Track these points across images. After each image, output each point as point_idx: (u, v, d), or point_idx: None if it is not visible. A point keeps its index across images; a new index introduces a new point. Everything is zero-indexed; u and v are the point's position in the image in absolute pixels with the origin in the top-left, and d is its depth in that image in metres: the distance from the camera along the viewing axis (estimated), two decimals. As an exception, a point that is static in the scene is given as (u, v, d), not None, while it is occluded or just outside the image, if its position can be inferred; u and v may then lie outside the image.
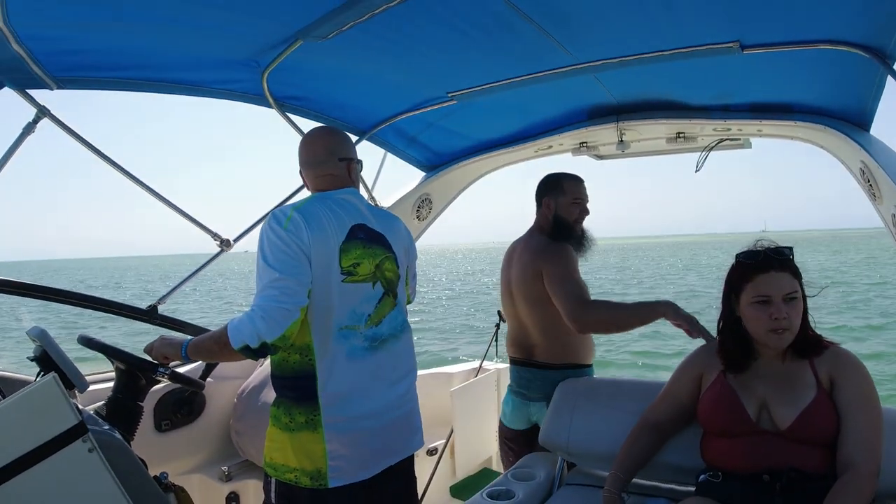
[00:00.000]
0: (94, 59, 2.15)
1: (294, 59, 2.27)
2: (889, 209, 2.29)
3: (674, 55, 2.21)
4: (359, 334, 1.77)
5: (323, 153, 1.92)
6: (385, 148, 3.32)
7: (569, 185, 2.65)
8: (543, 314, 2.54)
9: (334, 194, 1.88)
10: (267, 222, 1.73)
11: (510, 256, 2.71)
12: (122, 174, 2.44)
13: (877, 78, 2.18)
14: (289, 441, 1.73)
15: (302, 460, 1.72)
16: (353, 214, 1.84)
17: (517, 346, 2.69)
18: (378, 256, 1.84)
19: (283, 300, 1.62)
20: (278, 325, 1.61)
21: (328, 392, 1.72)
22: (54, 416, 1.44)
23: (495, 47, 2.22)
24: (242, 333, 1.62)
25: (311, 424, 1.72)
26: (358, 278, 1.78)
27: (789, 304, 1.71)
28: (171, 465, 2.51)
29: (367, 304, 1.79)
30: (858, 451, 1.64)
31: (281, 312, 1.61)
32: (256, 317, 1.61)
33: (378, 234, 1.88)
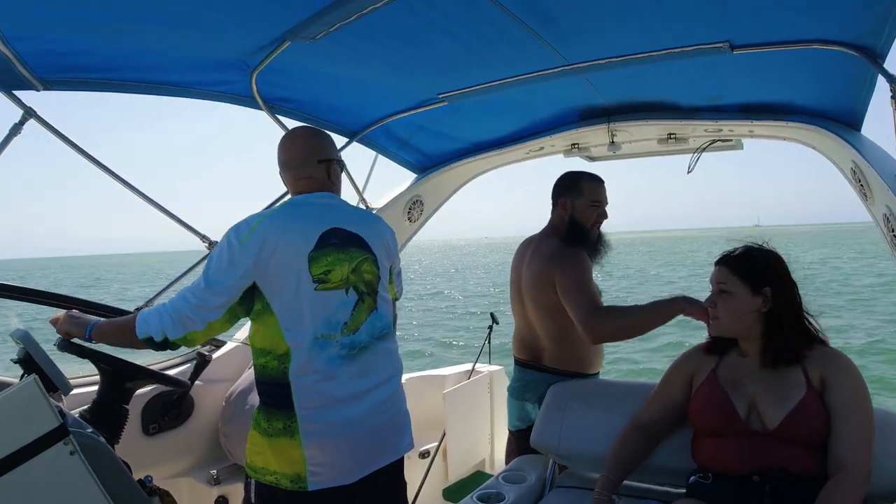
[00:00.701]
0: (81, 60, 2.13)
1: (283, 61, 2.26)
2: (880, 209, 2.30)
3: (663, 56, 2.20)
4: (335, 343, 1.74)
5: (301, 155, 1.91)
6: (376, 150, 3.31)
7: (588, 185, 2.56)
8: (554, 321, 2.48)
9: (308, 199, 1.87)
10: (231, 229, 1.75)
11: (521, 256, 2.64)
12: (109, 175, 2.42)
13: (867, 77, 2.18)
14: (267, 446, 1.73)
15: (281, 464, 1.71)
16: (326, 220, 1.82)
17: (524, 348, 2.64)
18: (355, 259, 1.82)
19: (194, 311, 1.69)
20: (181, 328, 1.69)
21: (304, 402, 1.71)
22: (35, 418, 1.42)
23: (485, 49, 2.21)
24: (150, 326, 1.70)
25: (289, 431, 1.70)
26: (331, 285, 1.76)
27: (720, 297, 1.86)
28: (160, 468, 2.49)
29: (341, 311, 1.77)
30: (850, 452, 1.64)
31: (188, 320, 1.69)
32: (166, 314, 1.69)
33: (355, 236, 1.86)
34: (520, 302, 2.61)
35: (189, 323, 1.69)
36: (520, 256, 2.66)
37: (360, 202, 3.32)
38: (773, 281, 1.82)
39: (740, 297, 1.82)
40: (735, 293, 1.82)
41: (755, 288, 1.81)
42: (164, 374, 2.03)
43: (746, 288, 1.82)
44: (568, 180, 2.59)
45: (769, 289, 1.81)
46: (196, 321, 1.69)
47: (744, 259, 1.85)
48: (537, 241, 2.62)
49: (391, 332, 1.94)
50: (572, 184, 2.57)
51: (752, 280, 1.82)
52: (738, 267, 1.84)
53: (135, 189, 2.49)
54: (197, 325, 1.69)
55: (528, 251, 2.62)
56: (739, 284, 1.82)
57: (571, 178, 2.59)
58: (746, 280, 1.82)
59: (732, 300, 1.83)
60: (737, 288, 1.82)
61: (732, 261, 1.86)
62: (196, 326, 1.69)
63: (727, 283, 1.84)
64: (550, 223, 2.64)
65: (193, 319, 1.69)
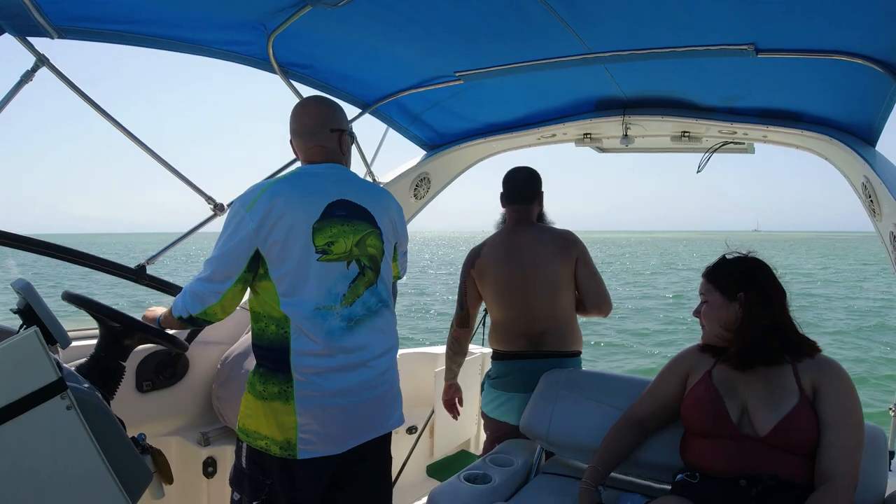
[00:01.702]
0: (97, 10, 2.10)
1: (301, 26, 2.22)
2: (888, 226, 2.29)
3: (687, 53, 2.18)
4: (335, 314, 1.77)
5: (314, 124, 1.90)
6: (387, 123, 3.28)
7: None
8: (562, 300, 2.62)
9: (315, 169, 1.87)
10: (238, 199, 1.78)
11: (518, 247, 2.64)
12: (119, 129, 2.39)
13: (888, 94, 2.17)
14: (261, 409, 1.75)
15: (273, 429, 1.73)
16: (333, 191, 1.82)
17: (521, 338, 2.63)
18: (360, 232, 1.83)
19: (206, 285, 1.74)
20: (198, 304, 1.75)
21: (302, 368, 1.73)
22: (34, 370, 1.42)
23: (507, 30, 2.19)
24: (177, 305, 1.79)
25: (284, 395, 1.73)
26: (332, 257, 1.77)
27: (703, 307, 1.96)
28: (151, 426, 2.50)
29: (341, 283, 1.79)
30: (837, 463, 1.65)
31: (203, 294, 1.74)
32: (187, 293, 1.77)
33: (361, 208, 1.86)
34: (521, 290, 2.61)
35: (204, 297, 1.74)
36: (512, 249, 2.65)
37: (368, 174, 3.30)
38: (746, 286, 1.86)
39: (717, 306, 1.91)
40: (711, 302, 1.92)
41: (729, 295, 1.88)
42: (164, 332, 2.03)
43: (721, 296, 1.90)
44: (539, 176, 2.78)
45: (742, 294, 1.86)
46: (209, 294, 1.74)
47: (717, 269, 1.95)
48: (531, 229, 2.69)
49: (389, 308, 1.95)
50: (540, 179, 2.79)
51: (725, 288, 1.89)
52: (713, 277, 1.94)
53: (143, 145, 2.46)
54: (211, 297, 1.74)
55: (524, 241, 2.65)
56: (715, 293, 1.91)
57: (538, 174, 2.78)
58: (720, 288, 1.90)
59: (711, 309, 1.92)
60: (712, 297, 1.92)
61: (709, 272, 1.97)
62: (211, 299, 1.74)
63: (705, 294, 1.95)
64: (528, 214, 2.74)
65: (207, 293, 1.74)
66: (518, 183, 2.75)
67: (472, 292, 2.74)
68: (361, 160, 3.26)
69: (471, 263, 2.73)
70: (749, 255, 1.95)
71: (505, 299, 2.66)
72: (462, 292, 2.77)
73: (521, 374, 2.60)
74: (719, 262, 1.96)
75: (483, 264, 2.68)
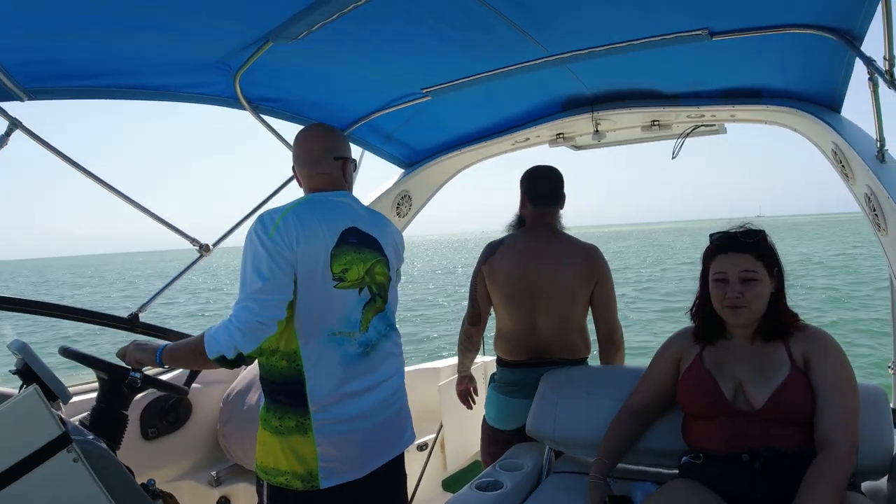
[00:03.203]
0: (64, 68, 2.13)
1: (266, 61, 2.26)
2: (861, 188, 2.33)
3: (644, 44, 2.22)
4: (353, 341, 1.77)
5: (319, 151, 1.89)
6: (362, 146, 3.31)
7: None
8: (573, 317, 2.58)
9: (327, 197, 1.85)
10: (254, 227, 1.70)
11: (536, 255, 2.55)
12: (97, 183, 2.42)
13: (845, 60, 2.20)
14: (278, 444, 1.73)
15: (293, 464, 1.72)
16: (344, 218, 1.82)
17: (525, 349, 2.59)
18: (369, 261, 1.83)
19: (262, 314, 1.62)
20: (255, 338, 1.62)
21: (319, 399, 1.72)
22: (37, 427, 1.43)
23: (466, 42, 2.23)
24: (220, 344, 1.62)
25: (302, 428, 1.71)
26: (347, 284, 1.77)
27: (745, 284, 1.79)
28: (160, 472, 2.50)
29: (355, 309, 1.79)
30: (835, 429, 1.67)
31: (259, 327, 1.62)
32: (234, 328, 1.61)
33: (370, 237, 1.87)
34: (529, 301, 2.55)
35: (260, 331, 1.62)
36: (527, 257, 2.56)
37: None
38: (778, 261, 1.86)
39: (765, 282, 1.81)
40: (762, 279, 1.80)
41: (771, 270, 1.83)
42: (164, 381, 2.05)
43: (767, 273, 1.82)
44: (561, 175, 2.70)
45: (777, 269, 1.85)
46: (267, 325, 1.62)
47: (764, 243, 1.84)
48: (553, 238, 2.61)
49: (396, 330, 1.97)
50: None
51: (769, 263, 1.83)
52: (762, 251, 1.82)
53: (122, 195, 2.48)
54: (269, 328, 1.63)
55: (542, 251, 2.56)
56: (763, 270, 1.81)
57: (560, 173, 2.70)
58: (766, 264, 1.82)
59: (760, 286, 1.80)
60: (762, 274, 1.81)
61: (756, 246, 1.82)
62: (269, 331, 1.63)
63: (756, 271, 1.80)
64: (553, 218, 2.67)
65: (265, 324, 1.62)
66: (547, 183, 2.66)
67: (482, 289, 2.66)
68: None
69: (483, 260, 2.67)
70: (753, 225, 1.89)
71: (511, 308, 2.59)
72: (473, 288, 2.70)
73: (525, 380, 2.57)
74: (763, 236, 1.84)
75: (495, 265, 2.60)
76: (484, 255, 2.68)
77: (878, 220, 2.26)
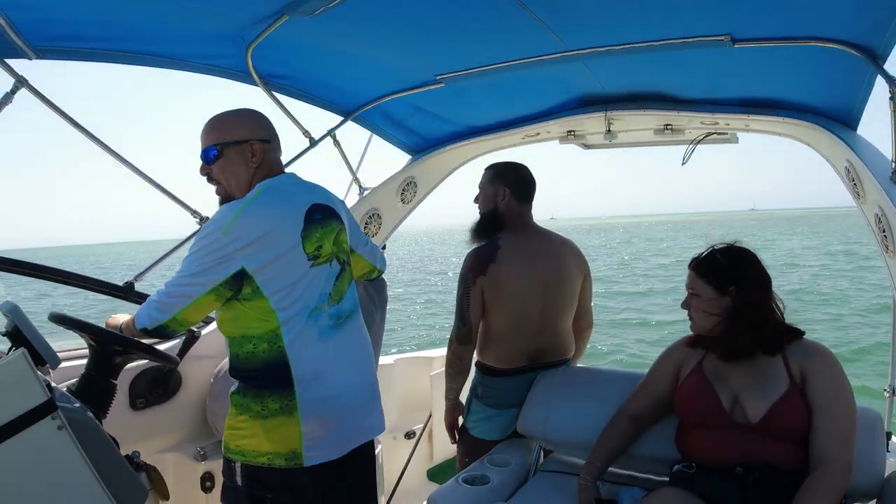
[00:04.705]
0: (74, 29, 2.10)
1: (280, 36, 2.23)
2: (872, 209, 2.31)
3: (664, 46, 2.19)
4: (324, 314, 1.77)
5: (274, 133, 1.87)
6: (370, 129, 3.28)
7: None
8: (569, 315, 2.58)
9: (279, 182, 1.81)
10: (210, 221, 1.71)
11: (535, 256, 2.47)
12: (100, 147, 2.38)
13: (866, 77, 2.18)
14: (261, 427, 1.71)
15: (276, 445, 1.71)
16: (303, 198, 1.82)
17: (522, 356, 2.49)
18: (334, 230, 1.86)
19: (179, 293, 1.68)
20: (167, 311, 1.69)
21: (303, 375, 1.72)
22: (23, 392, 1.41)
23: (485, 31, 2.19)
24: (142, 316, 1.72)
25: (287, 409, 1.70)
26: (322, 260, 1.79)
27: (692, 299, 1.94)
28: (146, 443, 2.48)
29: (328, 282, 1.80)
30: (830, 446, 1.65)
31: (171, 302, 1.69)
32: (153, 303, 1.71)
33: (330, 208, 1.88)
34: (541, 300, 2.46)
35: (174, 303, 1.68)
36: (532, 257, 2.46)
37: (354, 182, 3.30)
38: (736, 280, 1.86)
39: (707, 299, 1.89)
40: (702, 295, 1.90)
41: (720, 288, 1.87)
42: (153, 348, 2.02)
43: (712, 289, 1.88)
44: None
45: (734, 287, 1.86)
46: (180, 301, 1.68)
47: (707, 262, 1.93)
48: (541, 235, 2.56)
49: (359, 306, 1.97)
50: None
51: (716, 282, 1.88)
52: (704, 271, 1.92)
53: (125, 161, 2.45)
54: (181, 302, 1.68)
55: (550, 250, 2.51)
56: (706, 287, 1.89)
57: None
58: (711, 282, 1.88)
59: (701, 302, 1.91)
60: (703, 290, 1.90)
61: (698, 265, 1.94)
62: (181, 304, 1.68)
63: (695, 287, 1.92)
64: (530, 215, 2.61)
65: (177, 300, 1.68)
66: (531, 182, 2.59)
67: (477, 303, 2.42)
68: (347, 168, 3.26)
69: (481, 270, 2.41)
70: (735, 244, 1.94)
71: (518, 312, 2.45)
72: (464, 304, 2.43)
73: (514, 388, 2.47)
74: (709, 256, 1.93)
75: (500, 271, 2.40)
76: (478, 264, 2.44)
77: (887, 242, 2.24)
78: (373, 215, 3.33)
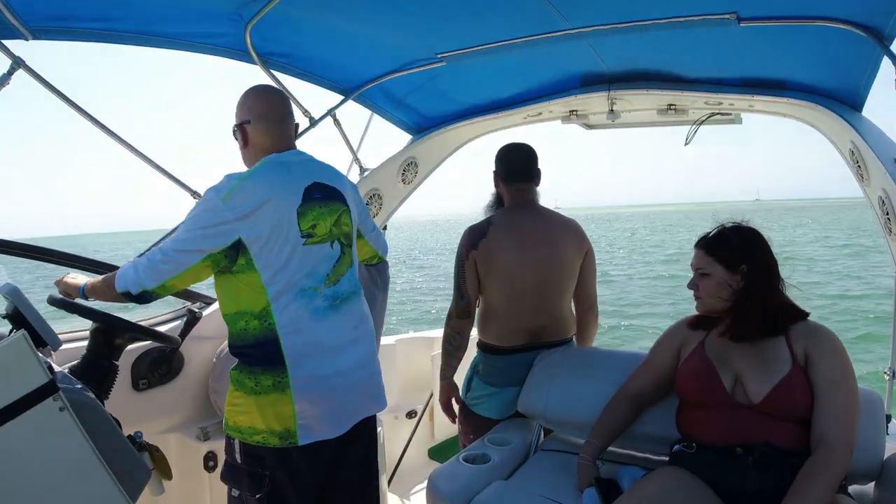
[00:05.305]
0: (71, 8, 2.07)
1: (278, 13, 2.20)
2: (876, 191, 2.30)
3: (669, 24, 2.17)
4: (319, 294, 1.77)
5: (283, 111, 1.88)
6: (371, 109, 3.25)
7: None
8: (570, 292, 2.58)
9: (286, 157, 1.84)
10: (209, 189, 1.71)
11: (528, 233, 2.47)
12: (98, 127, 2.36)
13: (872, 58, 2.16)
14: (255, 404, 1.73)
15: (270, 422, 1.72)
16: (306, 175, 1.82)
17: (522, 333, 2.50)
18: (336, 212, 1.85)
19: (172, 258, 1.67)
20: (158, 276, 1.67)
21: (294, 353, 1.72)
22: (24, 374, 1.41)
23: (487, 8, 2.17)
24: (126, 280, 1.69)
25: (279, 387, 1.72)
26: (317, 239, 1.78)
27: (700, 279, 1.91)
28: (149, 424, 2.49)
29: (325, 263, 1.80)
30: (832, 427, 1.65)
31: (163, 267, 1.67)
32: (141, 266, 1.68)
33: (333, 189, 1.88)
34: (533, 279, 2.46)
35: (166, 270, 1.67)
36: (526, 234, 2.47)
37: (355, 161, 3.28)
38: (747, 258, 1.85)
39: (718, 278, 1.87)
40: (712, 274, 1.88)
41: (731, 267, 1.86)
42: (154, 330, 2.02)
43: (723, 268, 1.86)
44: (535, 151, 2.62)
45: (745, 266, 1.84)
46: (172, 267, 1.67)
47: (718, 240, 1.90)
48: (539, 213, 2.53)
49: (361, 288, 1.97)
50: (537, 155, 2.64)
51: (727, 260, 1.86)
52: (714, 249, 1.89)
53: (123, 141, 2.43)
54: (174, 269, 1.67)
55: (534, 225, 2.49)
56: (716, 265, 1.87)
57: (534, 149, 2.62)
58: (723, 261, 1.87)
59: (710, 281, 1.88)
60: (713, 269, 1.88)
61: (708, 243, 1.91)
62: (174, 271, 1.67)
63: (705, 266, 1.89)
64: (531, 194, 2.58)
65: (169, 266, 1.67)
66: (520, 161, 2.55)
67: (472, 277, 2.49)
68: (347, 147, 3.24)
69: (473, 244, 2.47)
70: (744, 223, 1.93)
71: (511, 290, 2.47)
72: (461, 278, 2.51)
73: (515, 367, 2.50)
74: (720, 234, 1.91)
75: (489, 247, 2.44)
76: (471, 239, 2.49)
77: (891, 224, 2.23)
78: (373, 196, 3.32)
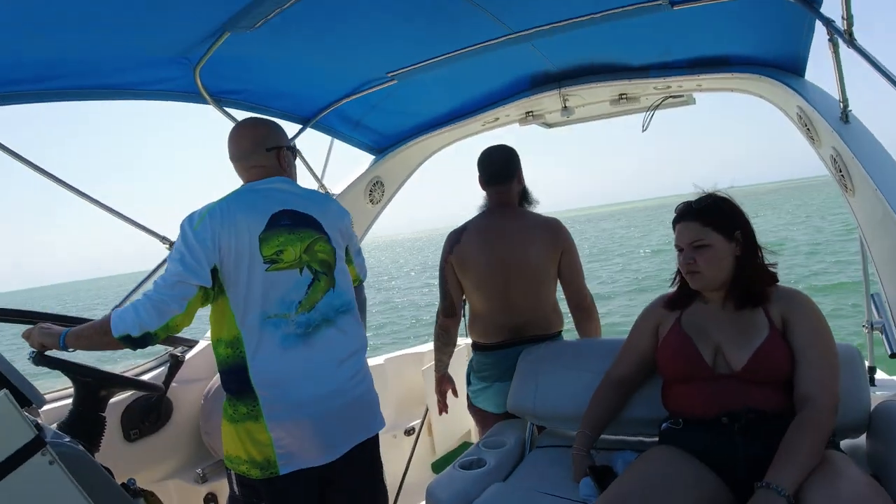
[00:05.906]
0: (19, 73, 2.07)
1: (225, 52, 2.22)
2: (827, 150, 2.35)
3: (605, 17, 2.22)
4: (290, 322, 1.78)
5: (250, 145, 1.92)
6: (331, 134, 3.28)
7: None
8: (546, 291, 2.57)
9: (258, 185, 1.88)
10: (184, 220, 1.76)
11: (500, 234, 2.52)
12: (61, 186, 2.37)
13: (805, 23, 2.21)
14: (235, 432, 1.76)
15: (250, 451, 1.74)
16: (277, 202, 1.84)
17: (502, 330, 2.57)
18: (306, 239, 1.85)
19: (170, 292, 1.67)
20: (160, 315, 1.66)
21: (262, 382, 1.74)
22: (10, 432, 1.41)
23: (429, 24, 2.21)
24: (126, 323, 1.65)
25: (253, 415, 1.74)
26: (283, 265, 1.79)
27: (697, 251, 1.84)
28: (145, 473, 2.48)
29: (296, 290, 1.80)
30: (815, 386, 1.67)
31: (166, 305, 1.66)
32: (141, 307, 1.66)
33: (306, 216, 1.89)
34: (502, 279, 2.52)
35: (168, 308, 1.66)
36: (488, 237, 2.53)
37: (320, 188, 3.31)
38: (740, 224, 1.85)
39: (719, 247, 1.83)
40: (714, 244, 1.83)
41: (728, 235, 1.83)
42: (137, 380, 2.03)
43: (721, 237, 1.83)
44: (516, 153, 2.66)
45: (739, 232, 1.85)
46: (173, 301, 1.67)
47: (713, 209, 1.86)
48: (514, 215, 2.59)
49: (352, 312, 1.97)
50: (518, 156, 2.67)
51: (724, 228, 1.83)
52: (710, 219, 1.84)
53: (88, 197, 2.44)
54: (175, 305, 1.67)
55: (505, 229, 2.53)
56: (715, 235, 1.83)
57: (515, 151, 2.66)
58: (720, 229, 1.83)
59: (712, 252, 1.83)
60: (712, 238, 1.83)
61: (703, 213, 1.85)
62: (175, 308, 1.67)
63: (703, 237, 1.83)
64: (508, 195, 2.62)
65: (169, 301, 1.66)
66: (494, 164, 2.61)
67: (453, 279, 2.61)
68: (311, 174, 3.27)
69: (449, 249, 2.60)
70: (716, 191, 1.91)
71: (485, 290, 2.56)
72: (443, 280, 2.64)
73: (502, 362, 2.57)
74: (713, 203, 1.86)
75: (463, 251, 2.55)
76: (449, 243, 2.62)
77: (845, 181, 2.29)
78: None
